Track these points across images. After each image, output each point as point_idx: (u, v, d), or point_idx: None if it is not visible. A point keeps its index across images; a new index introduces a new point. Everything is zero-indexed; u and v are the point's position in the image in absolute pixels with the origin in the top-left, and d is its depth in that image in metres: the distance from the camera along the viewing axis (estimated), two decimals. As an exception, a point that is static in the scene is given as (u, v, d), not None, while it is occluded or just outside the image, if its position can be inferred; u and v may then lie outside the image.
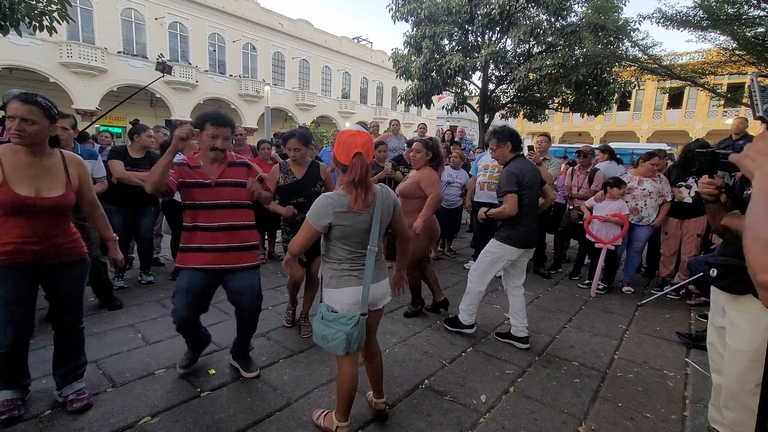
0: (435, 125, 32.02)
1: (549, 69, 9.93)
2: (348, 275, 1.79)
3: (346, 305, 1.78)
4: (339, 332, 1.73)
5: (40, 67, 17.04)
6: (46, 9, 4.64)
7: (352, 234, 1.76)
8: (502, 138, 2.95)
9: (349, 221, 1.73)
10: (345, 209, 1.72)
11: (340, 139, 1.77)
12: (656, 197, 4.16)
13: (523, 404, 2.28)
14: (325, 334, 1.76)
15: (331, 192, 1.78)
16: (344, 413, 1.91)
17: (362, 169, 1.72)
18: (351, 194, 1.73)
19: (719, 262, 1.51)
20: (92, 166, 3.11)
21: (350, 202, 1.72)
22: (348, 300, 1.78)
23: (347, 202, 1.72)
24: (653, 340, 3.23)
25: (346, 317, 1.75)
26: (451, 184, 5.33)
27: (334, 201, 1.71)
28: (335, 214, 1.70)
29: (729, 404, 1.47)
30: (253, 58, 25.14)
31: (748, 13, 7.22)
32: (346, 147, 1.74)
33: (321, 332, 1.78)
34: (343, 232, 1.74)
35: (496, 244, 2.96)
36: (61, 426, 1.93)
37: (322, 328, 1.78)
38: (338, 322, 1.74)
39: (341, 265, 1.80)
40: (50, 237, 1.91)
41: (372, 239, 1.79)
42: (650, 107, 27.41)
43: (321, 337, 1.79)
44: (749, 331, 1.37)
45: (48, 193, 1.88)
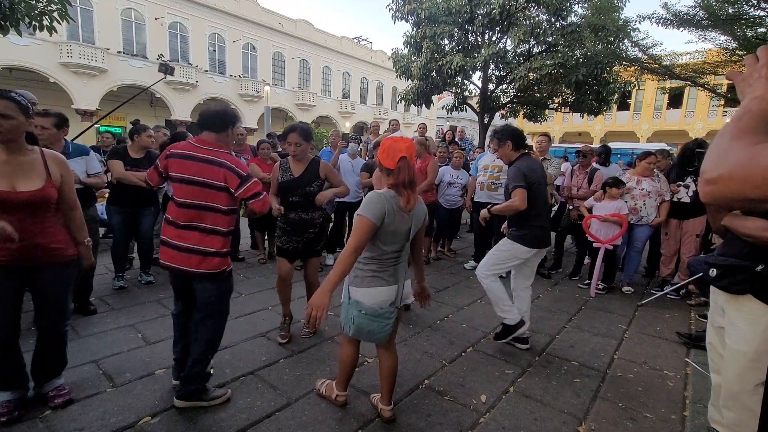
0: (435, 125, 32.01)
1: (549, 69, 9.92)
2: (374, 276, 1.86)
3: (375, 303, 1.85)
4: (387, 326, 1.88)
5: (40, 67, 17.03)
6: (46, 9, 4.64)
7: (392, 234, 1.82)
8: (502, 137, 2.94)
9: (395, 221, 1.80)
10: (395, 209, 1.79)
11: (384, 145, 1.86)
12: (655, 197, 4.17)
13: (523, 404, 2.28)
14: (372, 328, 1.87)
15: (382, 190, 1.84)
16: (344, 384, 2.11)
17: (410, 172, 1.82)
18: (402, 195, 1.81)
19: (719, 262, 1.51)
20: (85, 163, 3.10)
21: (402, 203, 1.80)
22: (377, 299, 1.86)
23: (397, 203, 1.80)
24: (653, 340, 3.23)
25: (389, 311, 1.88)
26: (452, 184, 5.33)
27: (388, 198, 1.79)
28: (388, 212, 1.77)
29: (728, 404, 1.47)
30: (253, 58, 25.14)
31: (748, 13, 7.22)
32: (392, 151, 1.82)
33: (367, 327, 1.87)
34: (387, 231, 1.80)
35: (507, 242, 2.92)
36: (61, 426, 1.93)
37: (367, 324, 1.86)
38: (383, 317, 1.87)
39: (368, 266, 1.87)
40: (29, 236, 1.84)
41: (407, 242, 1.91)
42: (650, 107, 27.42)
43: (368, 332, 1.89)
44: (748, 331, 1.37)
45: (24, 187, 1.83)
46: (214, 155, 2.04)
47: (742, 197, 0.71)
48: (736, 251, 1.47)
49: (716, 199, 0.75)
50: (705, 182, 0.75)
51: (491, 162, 4.85)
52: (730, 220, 1.50)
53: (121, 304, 3.49)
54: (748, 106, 0.80)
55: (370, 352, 2.80)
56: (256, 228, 5.18)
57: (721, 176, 0.72)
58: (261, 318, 3.33)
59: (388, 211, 1.77)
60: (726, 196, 0.73)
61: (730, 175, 0.70)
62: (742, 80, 0.87)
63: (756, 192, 0.68)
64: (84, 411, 2.05)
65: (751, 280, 1.37)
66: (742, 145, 0.72)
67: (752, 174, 0.68)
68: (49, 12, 4.66)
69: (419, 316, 3.51)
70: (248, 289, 4.01)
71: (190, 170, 2.03)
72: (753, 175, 0.68)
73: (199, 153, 2.04)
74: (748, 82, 0.85)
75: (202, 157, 2.03)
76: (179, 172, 2.04)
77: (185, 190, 2.03)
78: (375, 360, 2.69)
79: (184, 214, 2.04)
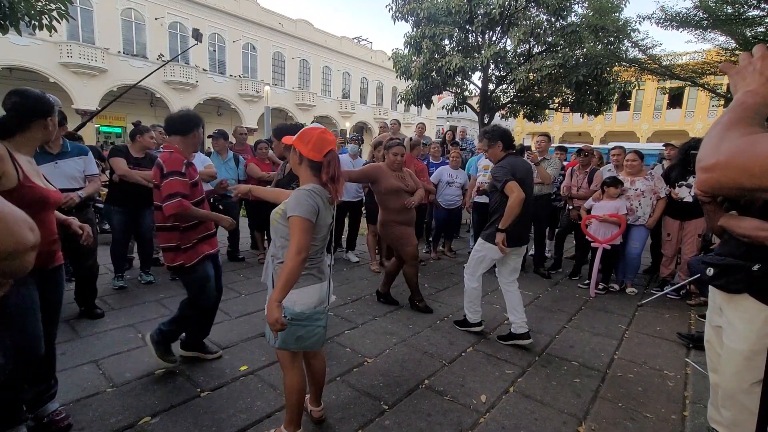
0: (435, 125, 32.05)
1: (549, 69, 9.92)
2: (307, 274, 1.73)
3: (306, 304, 1.71)
4: (317, 328, 1.75)
5: (40, 67, 17.03)
6: (45, 8, 4.64)
7: (320, 230, 1.73)
8: (493, 137, 2.99)
9: (324, 215, 1.72)
10: (326, 203, 1.71)
11: (310, 136, 1.71)
12: (650, 195, 4.17)
13: (523, 404, 2.28)
14: (301, 334, 1.71)
15: (310, 185, 1.70)
16: (298, 422, 1.83)
17: (338, 165, 1.74)
18: (331, 190, 1.72)
19: (716, 262, 1.52)
20: (84, 163, 3.07)
21: (332, 197, 1.73)
22: (308, 299, 1.72)
23: (324, 196, 1.71)
24: (653, 340, 3.23)
25: (319, 313, 1.75)
26: (451, 184, 5.33)
27: (317, 194, 1.67)
28: (320, 207, 1.68)
29: (726, 404, 1.47)
30: (253, 58, 25.14)
31: (747, 13, 7.23)
32: (320, 143, 1.70)
33: (296, 333, 1.70)
34: (318, 226, 1.70)
35: (481, 242, 3.03)
36: (60, 426, 1.93)
37: (295, 330, 1.69)
38: (311, 320, 1.72)
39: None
40: (47, 235, 1.73)
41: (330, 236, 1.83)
42: (650, 107, 27.42)
43: (296, 339, 1.71)
44: (745, 330, 1.38)
45: (49, 186, 1.78)
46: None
47: (739, 186, 0.71)
48: (732, 251, 1.47)
49: (712, 187, 0.76)
50: (701, 170, 0.76)
51: (491, 162, 4.85)
52: (726, 221, 1.51)
53: (121, 304, 3.49)
54: (741, 98, 0.81)
55: (370, 352, 2.80)
56: (255, 228, 5.18)
57: (717, 163, 0.72)
58: (261, 318, 3.33)
59: (320, 207, 1.68)
60: (722, 184, 0.74)
61: (726, 162, 0.71)
62: (736, 73, 0.87)
63: (752, 181, 0.68)
64: (84, 411, 2.05)
65: (748, 279, 1.38)
66: (737, 134, 0.73)
67: (749, 163, 0.68)
68: (48, 11, 4.66)
69: (419, 316, 3.51)
70: (248, 289, 4.00)
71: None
72: (750, 164, 0.68)
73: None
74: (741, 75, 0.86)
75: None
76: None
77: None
78: (374, 360, 2.70)
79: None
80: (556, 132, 29.69)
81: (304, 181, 1.75)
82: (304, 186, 1.71)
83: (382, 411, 2.16)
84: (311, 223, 1.63)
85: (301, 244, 1.60)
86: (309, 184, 1.72)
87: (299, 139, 1.74)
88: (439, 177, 5.33)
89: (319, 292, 1.76)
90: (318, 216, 1.67)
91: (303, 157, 1.73)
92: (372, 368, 2.59)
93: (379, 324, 3.30)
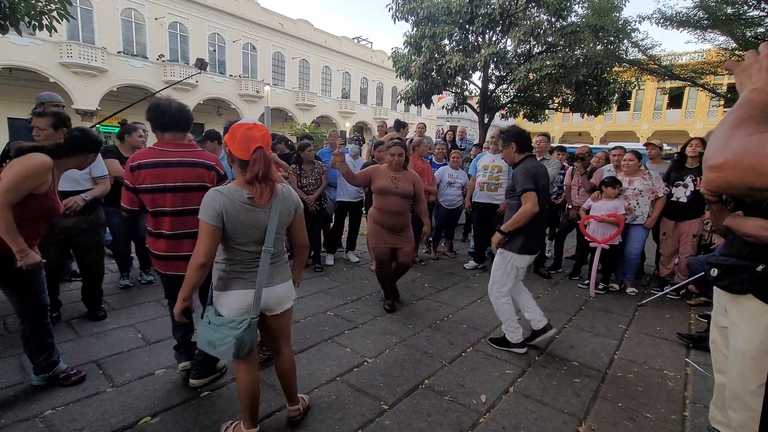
0: (435, 125, 32.02)
1: (549, 69, 9.91)
2: (237, 278, 1.69)
3: (233, 309, 1.67)
4: (228, 337, 1.62)
5: (40, 67, 17.03)
6: (45, 8, 4.64)
7: (245, 232, 1.66)
8: (507, 138, 2.89)
9: (242, 218, 1.63)
10: (237, 205, 1.62)
11: (235, 133, 1.63)
12: (648, 194, 4.18)
13: (523, 404, 2.28)
14: (212, 339, 1.64)
15: (222, 186, 1.68)
16: (251, 421, 1.84)
17: (266, 164, 1.63)
18: (255, 190, 1.63)
19: (720, 262, 1.50)
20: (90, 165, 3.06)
21: (255, 198, 1.63)
22: (235, 304, 1.68)
23: (240, 198, 1.63)
24: (653, 340, 3.23)
25: (236, 321, 1.64)
26: (452, 184, 5.33)
27: (224, 195, 1.62)
28: (226, 209, 1.60)
29: (733, 405, 1.46)
30: (253, 58, 25.15)
31: (747, 13, 7.23)
32: (245, 141, 1.61)
33: (208, 337, 1.65)
34: (235, 230, 1.64)
35: (507, 253, 2.84)
36: (61, 426, 1.93)
37: (208, 333, 1.65)
38: (227, 327, 1.63)
39: (232, 267, 1.70)
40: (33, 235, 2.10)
41: (268, 239, 1.68)
42: (650, 107, 27.44)
43: (207, 343, 1.66)
44: (749, 331, 1.37)
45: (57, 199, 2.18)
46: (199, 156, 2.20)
47: (748, 185, 0.70)
48: (737, 251, 1.46)
49: (720, 186, 0.75)
50: (709, 169, 0.75)
51: (491, 162, 4.86)
52: (731, 220, 1.50)
53: (121, 304, 3.49)
54: (748, 96, 0.81)
55: (370, 352, 2.80)
56: None
57: (726, 162, 0.71)
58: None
59: (227, 209, 1.60)
60: (731, 183, 0.73)
61: (735, 161, 0.70)
62: (742, 71, 0.87)
63: (761, 180, 0.68)
64: (84, 411, 2.05)
65: (752, 279, 1.36)
66: (745, 133, 0.72)
67: (758, 162, 0.67)
68: (48, 11, 4.67)
69: (419, 316, 3.51)
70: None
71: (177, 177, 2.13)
72: (759, 163, 0.67)
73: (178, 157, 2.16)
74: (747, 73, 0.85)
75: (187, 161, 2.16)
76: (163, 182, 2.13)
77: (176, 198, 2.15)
78: (374, 360, 2.70)
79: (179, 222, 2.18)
80: (556, 132, 29.71)
81: (239, 182, 1.68)
82: (218, 187, 1.68)
83: (382, 411, 2.16)
84: (212, 227, 1.59)
85: (199, 247, 1.61)
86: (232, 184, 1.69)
87: (228, 136, 1.66)
88: (439, 177, 5.33)
89: (243, 298, 1.68)
90: (225, 219, 1.61)
91: (233, 156, 1.66)
92: (372, 368, 2.59)
93: (379, 324, 3.30)
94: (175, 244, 2.17)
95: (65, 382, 2.25)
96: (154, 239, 2.21)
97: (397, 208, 3.42)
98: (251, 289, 1.69)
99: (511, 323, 2.89)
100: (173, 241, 2.17)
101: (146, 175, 2.09)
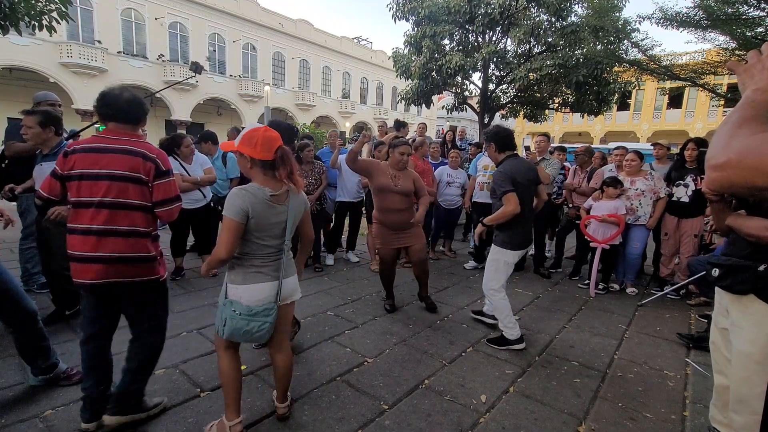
0: (435, 125, 32.05)
1: (549, 69, 9.91)
2: (256, 272, 1.78)
3: (254, 300, 1.76)
4: (265, 323, 1.75)
5: (40, 67, 17.04)
6: (45, 8, 4.64)
7: (267, 228, 1.76)
8: (487, 139, 3.01)
9: (266, 214, 1.74)
10: (261, 202, 1.72)
11: (254, 136, 1.72)
12: (650, 195, 4.18)
13: (523, 404, 2.28)
14: (249, 329, 1.74)
15: (246, 185, 1.76)
16: (234, 409, 1.85)
17: (293, 160, 1.77)
18: (284, 185, 1.78)
19: (722, 262, 1.49)
20: None
21: (281, 195, 1.77)
22: (258, 295, 1.77)
23: (264, 196, 1.73)
24: (653, 340, 3.23)
25: (268, 308, 1.76)
26: (451, 184, 5.33)
27: (250, 193, 1.71)
28: (252, 206, 1.70)
29: (737, 408, 1.43)
30: (253, 58, 25.14)
31: (747, 13, 7.22)
32: (267, 142, 1.72)
33: (243, 328, 1.73)
34: (259, 225, 1.74)
35: (496, 249, 2.96)
36: (61, 426, 1.93)
37: (243, 324, 1.73)
38: (261, 315, 1.74)
39: (251, 261, 1.78)
40: None
41: (288, 234, 1.82)
42: (650, 107, 27.42)
43: (243, 333, 1.74)
44: (753, 332, 1.34)
45: None
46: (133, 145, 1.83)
47: (751, 184, 0.70)
48: (739, 251, 1.45)
49: (723, 185, 0.74)
50: (712, 168, 0.74)
51: (491, 162, 4.85)
52: (733, 220, 1.48)
53: (121, 304, 3.48)
54: (751, 96, 0.80)
55: (370, 352, 2.80)
56: None
57: (729, 161, 0.71)
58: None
59: (253, 206, 1.70)
60: (733, 183, 0.72)
61: (738, 161, 0.70)
62: (744, 71, 0.87)
63: (764, 179, 0.67)
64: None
65: (754, 279, 1.34)
66: (748, 132, 0.72)
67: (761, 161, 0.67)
68: (48, 12, 4.67)
69: (419, 316, 3.51)
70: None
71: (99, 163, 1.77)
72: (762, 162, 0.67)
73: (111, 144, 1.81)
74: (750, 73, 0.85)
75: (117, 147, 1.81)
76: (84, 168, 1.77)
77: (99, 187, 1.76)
78: (374, 360, 2.70)
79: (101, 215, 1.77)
80: (556, 132, 29.70)
81: (259, 182, 1.77)
82: (242, 186, 1.75)
83: (382, 411, 2.16)
84: (237, 223, 1.68)
85: (221, 242, 1.69)
86: (253, 183, 1.77)
87: (244, 143, 1.73)
88: (439, 177, 5.33)
89: (269, 290, 1.79)
90: (251, 216, 1.70)
91: (254, 160, 1.74)
92: (372, 368, 2.59)
93: (379, 324, 3.30)
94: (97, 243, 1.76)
95: (66, 383, 2.23)
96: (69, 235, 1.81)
97: (398, 206, 3.41)
98: (269, 282, 1.79)
99: (509, 319, 2.93)
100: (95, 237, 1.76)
101: (77, 159, 1.78)
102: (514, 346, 2.91)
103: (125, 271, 1.81)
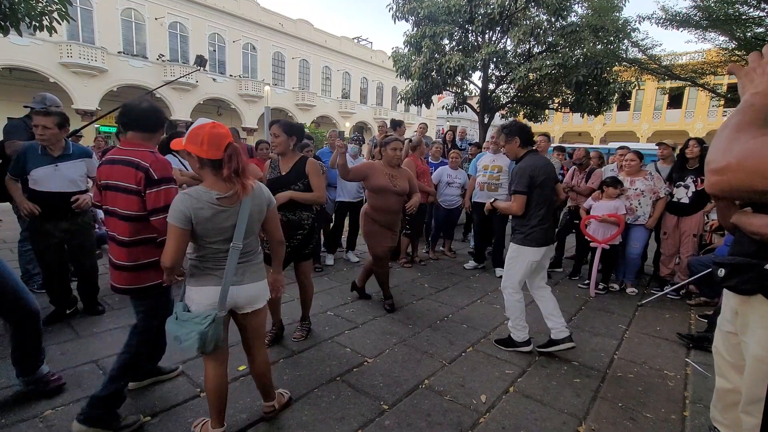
0: (435, 125, 32.02)
1: (549, 69, 9.90)
2: (208, 274, 1.70)
3: (201, 304, 1.69)
4: (192, 332, 1.62)
5: (40, 67, 17.03)
6: (45, 9, 4.64)
7: (215, 232, 1.66)
8: (510, 133, 2.88)
9: (212, 218, 1.63)
10: (206, 206, 1.61)
11: (200, 133, 1.60)
12: (650, 195, 4.18)
13: (523, 404, 2.28)
14: (178, 334, 1.65)
15: (190, 188, 1.65)
16: (218, 419, 1.83)
17: (242, 158, 1.64)
18: (232, 186, 1.63)
19: (727, 261, 1.46)
20: (86, 165, 3.03)
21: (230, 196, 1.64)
22: (204, 299, 1.69)
23: (209, 199, 1.62)
24: (653, 340, 3.23)
25: (200, 316, 1.65)
26: (451, 184, 5.33)
27: (193, 197, 1.61)
28: (195, 212, 1.59)
29: (749, 409, 1.39)
30: (253, 58, 25.14)
31: (747, 13, 7.22)
32: (214, 139, 1.60)
33: (174, 332, 1.66)
34: (206, 230, 1.64)
35: (515, 248, 2.87)
36: (61, 425, 1.93)
37: (175, 329, 1.66)
38: (192, 322, 1.64)
39: (204, 263, 1.71)
40: None
41: (236, 237, 1.68)
42: (650, 107, 27.43)
43: (174, 338, 1.67)
44: (763, 335, 1.30)
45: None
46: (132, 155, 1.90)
47: (751, 188, 0.70)
48: (744, 250, 1.42)
49: (723, 189, 0.74)
50: (711, 172, 0.74)
51: (491, 162, 4.85)
52: (738, 218, 1.45)
53: (121, 304, 3.48)
54: (750, 100, 0.80)
55: (370, 352, 2.80)
56: None
57: (729, 165, 0.71)
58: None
59: (196, 212, 1.59)
60: (733, 186, 0.72)
61: (738, 164, 0.70)
62: (744, 75, 0.86)
63: (764, 183, 0.67)
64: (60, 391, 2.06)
65: (760, 278, 1.31)
66: (748, 136, 0.72)
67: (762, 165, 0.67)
68: (49, 12, 4.67)
69: (419, 316, 3.51)
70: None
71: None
72: (762, 166, 0.67)
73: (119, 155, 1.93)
74: (750, 77, 0.85)
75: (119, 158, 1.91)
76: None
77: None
78: (374, 360, 2.70)
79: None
80: (556, 132, 29.71)
81: (208, 184, 1.66)
82: (187, 189, 1.65)
83: (382, 411, 2.16)
84: (179, 229, 1.59)
85: (165, 249, 1.63)
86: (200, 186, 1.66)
87: (190, 141, 1.62)
88: (438, 177, 5.33)
89: (213, 295, 1.69)
90: (194, 222, 1.60)
91: (202, 159, 1.63)
92: (372, 368, 2.59)
93: (379, 324, 3.30)
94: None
95: (44, 388, 2.14)
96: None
97: (396, 207, 3.44)
98: (218, 286, 1.69)
99: (519, 321, 2.89)
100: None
101: (101, 171, 1.97)
102: (520, 348, 2.88)
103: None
